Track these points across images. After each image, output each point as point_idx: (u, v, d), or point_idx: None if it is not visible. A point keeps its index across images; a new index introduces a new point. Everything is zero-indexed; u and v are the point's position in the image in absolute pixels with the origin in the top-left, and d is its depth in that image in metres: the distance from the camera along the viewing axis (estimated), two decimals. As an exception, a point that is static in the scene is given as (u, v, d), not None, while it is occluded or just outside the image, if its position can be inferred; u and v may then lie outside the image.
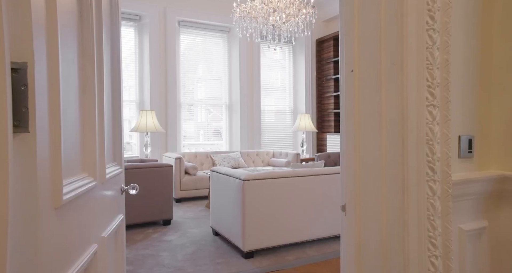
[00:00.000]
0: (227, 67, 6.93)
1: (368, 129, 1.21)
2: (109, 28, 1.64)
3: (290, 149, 7.46)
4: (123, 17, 5.99)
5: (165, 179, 3.75)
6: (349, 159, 1.26)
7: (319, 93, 7.51)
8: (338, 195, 3.23)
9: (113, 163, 1.68)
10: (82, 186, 1.10)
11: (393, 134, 1.13)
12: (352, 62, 1.27)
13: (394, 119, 1.13)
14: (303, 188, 3.06)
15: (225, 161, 5.78)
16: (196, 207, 4.75)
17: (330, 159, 5.63)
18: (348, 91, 1.28)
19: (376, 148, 1.18)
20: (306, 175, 3.07)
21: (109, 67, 1.64)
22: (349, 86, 1.28)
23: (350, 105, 1.27)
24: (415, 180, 1.08)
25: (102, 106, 1.38)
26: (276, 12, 4.37)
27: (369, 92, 1.20)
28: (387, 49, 1.15)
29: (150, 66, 6.05)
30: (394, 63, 1.13)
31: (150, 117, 5.15)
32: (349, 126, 1.27)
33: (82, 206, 1.14)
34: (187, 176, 5.12)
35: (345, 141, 1.28)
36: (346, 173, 1.28)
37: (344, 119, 1.32)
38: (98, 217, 1.37)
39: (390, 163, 1.13)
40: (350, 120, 1.26)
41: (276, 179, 2.94)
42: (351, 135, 1.26)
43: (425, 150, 1.09)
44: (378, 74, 1.17)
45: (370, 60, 1.20)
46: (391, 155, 1.13)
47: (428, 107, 1.09)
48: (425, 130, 1.09)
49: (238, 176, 2.90)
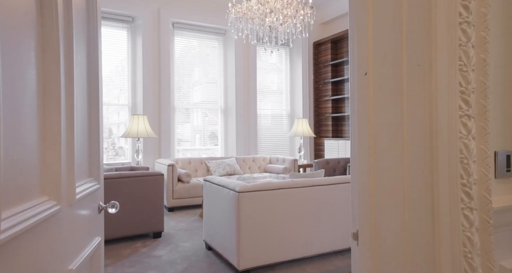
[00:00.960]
0: (223, 70, 6.74)
1: (386, 143, 1.01)
2: (84, 26, 1.43)
3: (287, 154, 7.26)
4: (115, 18, 5.78)
5: (155, 189, 3.53)
6: (362, 179, 1.06)
7: (317, 97, 7.33)
8: (340, 207, 3.02)
9: (88, 179, 1.47)
10: (36, 215, 0.89)
11: (418, 151, 0.93)
12: (365, 64, 1.07)
13: (420, 133, 0.93)
14: (302, 199, 2.85)
15: (220, 168, 5.57)
16: (189, 216, 4.53)
17: (328, 165, 5.44)
18: (361, 98, 1.08)
19: (396, 167, 0.98)
20: (306, 185, 2.87)
21: (85, 69, 1.43)
22: (362, 92, 1.08)
23: (363, 115, 1.07)
24: (447, 207, 0.88)
25: (71, 113, 1.17)
26: (273, 13, 4.18)
27: (388, 100, 1.00)
28: (411, 47, 0.95)
29: (143, 69, 5.84)
30: (419, 64, 0.93)
31: (142, 122, 4.94)
32: (363, 140, 1.07)
33: (36, 238, 0.93)
34: (180, 184, 4.90)
35: (358, 157, 1.08)
36: (359, 194, 1.07)
37: (355, 131, 1.12)
38: (64, 246, 1.15)
39: (415, 186, 0.93)
40: (364, 133, 1.06)
41: (273, 190, 2.73)
42: (364, 150, 1.06)
43: (458, 171, 0.89)
44: (398, 78, 0.98)
45: (389, 61, 1.00)
46: (415, 176, 0.93)
47: (461, 118, 0.90)
48: (458, 146, 0.89)
49: (233, 187, 2.69)
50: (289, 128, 7.27)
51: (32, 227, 0.87)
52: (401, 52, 0.97)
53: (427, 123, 0.92)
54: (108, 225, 3.26)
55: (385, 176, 1.00)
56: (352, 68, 1.15)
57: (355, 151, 1.10)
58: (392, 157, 0.99)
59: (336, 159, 5.54)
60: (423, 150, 0.92)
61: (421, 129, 0.93)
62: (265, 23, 4.30)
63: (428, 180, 0.91)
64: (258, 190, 2.66)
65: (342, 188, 3.02)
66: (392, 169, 0.99)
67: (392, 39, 1.00)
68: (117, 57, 5.90)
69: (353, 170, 1.10)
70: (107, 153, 6.25)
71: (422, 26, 0.92)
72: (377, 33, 1.04)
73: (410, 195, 0.94)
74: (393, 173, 0.98)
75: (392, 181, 0.98)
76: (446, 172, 0.89)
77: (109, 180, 3.25)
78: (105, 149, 6.22)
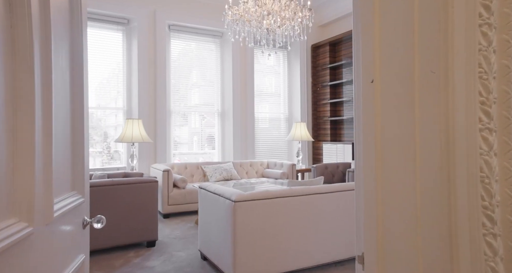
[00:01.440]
0: (220, 73, 6.64)
1: (396, 160, 0.90)
2: (67, 28, 1.33)
3: (285, 158, 7.15)
4: (110, 20, 5.68)
5: (149, 196, 3.42)
6: (368, 198, 0.95)
7: (315, 100, 7.25)
8: (340, 215, 2.92)
9: (71, 193, 1.36)
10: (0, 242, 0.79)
11: (432, 169, 0.83)
12: (372, 70, 0.97)
13: (434, 148, 0.83)
14: (301, 208, 2.75)
15: (217, 172, 5.46)
16: (184, 223, 4.41)
17: (327, 170, 5.34)
18: (366, 108, 0.98)
19: (407, 186, 0.87)
20: (304, 194, 2.76)
21: (68, 73, 1.32)
22: (368, 102, 0.98)
23: (369, 126, 0.97)
24: (467, 233, 0.78)
25: (49, 122, 1.06)
26: (270, 15, 4.09)
27: (397, 111, 0.90)
28: (423, 52, 0.85)
29: (138, 72, 5.74)
30: (434, 71, 0.83)
31: (137, 127, 4.83)
32: (368, 154, 0.97)
33: (3, 267, 0.82)
34: (175, 189, 4.79)
35: (363, 173, 0.98)
36: (365, 215, 0.97)
37: (360, 144, 1.01)
38: (41, 270, 1.04)
39: (429, 208, 0.83)
40: (370, 147, 0.96)
41: (271, 199, 2.62)
42: (370, 165, 0.96)
43: (479, 191, 0.78)
44: (410, 86, 0.88)
45: (399, 67, 0.90)
46: (429, 197, 0.83)
47: (482, 131, 0.80)
48: (478, 163, 0.79)
49: (229, 196, 2.58)
50: (287, 132, 7.17)
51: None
52: (412, 57, 0.87)
53: (443, 138, 0.82)
54: (100, 234, 3.14)
55: (394, 196, 0.90)
56: (356, 75, 1.05)
57: (360, 166, 1.00)
58: (402, 174, 0.89)
59: (335, 164, 5.45)
60: (438, 168, 0.82)
61: (435, 144, 0.83)
62: (263, 25, 4.21)
63: (444, 202, 0.81)
64: (255, 199, 2.56)
65: (342, 196, 2.92)
66: (403, 188, 0.88)
67: (402, 43, 0.90)
68: (112, 60, 5.79)
69: (358, 187, 1.00)
70: (102, 157, 6.14)
71: (436, 29, 0.82)
72: (385, 36, 0.94)
73: (424, 218, 0.84)
74: (403, 193, 0.88)
75: (402, 202, 0.88)
76: (464, 192, 0.79)
77: (101, 188, 3.14)
78: (100, 153, 6.10)
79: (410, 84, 0.88)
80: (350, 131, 6.66)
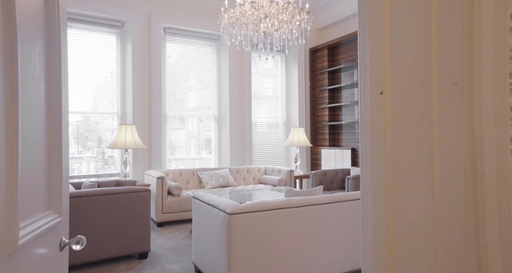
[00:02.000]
0: (216, 77, 6.52)
1: (409, 182, 0.78)
2: (41, 30, 1.21)
3: (283, 164, 7.03)
4: (104, 23, 5.56)
5: (141, 205, 3.28)
6: (378, 229, 0.83)
7: (313, 105, 7.13)
8: (341, 227, 2.79)
9: (45, 213, 1.23)
10: None
11: (455, 198, 0.70)
12: (381, 80, 0.84)
13: (457, 173, 0.71)
14: (299, 220, 2.62)
15: (213, 179, 5.32)
16: (179, 232, 4.27)
17: (326, 176, 5.21)
18: (374, 122, 0.86)
19: (424, 215, 0.75)
20: (303, 205, 2.63)
21: (43, 80, 1.20)
22: (377, 115, 0.85)
23: (378, 146, 0.84)
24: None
25: (15, 135, 0.93)
26: (268, 18, 3.98)
27: (412, 128, 0.78)
28: (443, 60, 0.73)
29: (133, 75, 5.61)
30: (456, 82, 0.71)
31: (130, 133, 4.69)
32: (376, 176, 0.84)
33: None
34: (170, 197, 4.65)
35: (370, 200, 0.85)
36: (373, 249, 0.84)
37: (367, 164, 0.89)
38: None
39: (452, 244, 0.71)
40: (378, 168, 0.84)
41: (267, 211, 2.49)
42: (379, 191, 0.83)
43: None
44: (426, 100, 0.75)
45: (413, 77, 0.78)
46: (452, 233, 0.70)
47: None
48: (511, 191, 0.67)
49: (223, 208, 2.45)
50: (285, 137, 7.05)
51: None
52: (430, 66, 0.75)
53: (468, 161, 0.69)
54: (89, 247, 3.00)
55: (408, 228, 0.78)
56: (363, 85, 0.92)
57: (366, 190, 0.87)
58: (419, 200, 0.76)
59: (333, 170, 5.32)
60: (462, 197, 0.70)
61: (459, 168, 0.70)
62: (260, 29, 4.10)
63: (471, 240, 0.68)
64: (251, 211, 2.43)
65: (342, 207, 2.80)
66: (418, 217, 0.76)
67: (417, 49, 0.78)
68: (105, 63, 5.66)
69: (364, 216, 0.87)
70: (96, 163, 6.00)
71: (459, 32, 0.70)
72: (397, 40, 0.82)
73: (446, 258, 0.71)
74: (420, 227, 0.75)
75: (419, 239, 0.76)
76: (495, 228, 0.66)
77: (91, 198, 3.00)
78: (94, 158, 5.97)
79: (427, 98, 0.75)
80: (349, 136, 6.55)
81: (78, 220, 2.94)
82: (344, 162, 6.24)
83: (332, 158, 6.56)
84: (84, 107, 5.55)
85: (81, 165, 5.80)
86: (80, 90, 5.45)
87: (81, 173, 5.70)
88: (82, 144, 5.82)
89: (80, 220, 2.96)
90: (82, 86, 5.46)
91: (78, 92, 5.44)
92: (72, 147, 5.69)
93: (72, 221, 2.91)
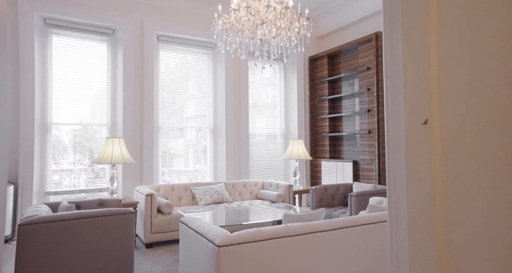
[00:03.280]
0: (212, 86, 6.25)
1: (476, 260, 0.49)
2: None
3: (281, 177, 6.72)
4: (93, 30, 5.30)
5: (125, 229, 2.97)
6: None
7: (313, 115, 6.86)
8: (347, 257, 2.48)
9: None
10: None
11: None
12: (424, 105, 0.56)
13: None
14: (299, 250, 2.31)
15: (207, 195, 5.01)
16: (168, 255, 3.94)
17: (327, 192, 4.91)
18: (413, 161, 0.57)
19: None
20: (303, 233, 2.33)
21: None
22: (417, 153, 0.57)
23: (418, 195, 0.55)
24: None
25: None
26: (264, 24, 3.71)
27: (477, 173, 0.49)
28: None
29: (123, 85, 5.33)
30: None
31: (118, 146, 4.39)
32: (421, 245, 0.55)
33: None
34: (160, 216, 4.33)
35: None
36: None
37: (397, 215, 0.60)
38: None
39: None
40: (423, 222, 0.54)
41: (263, 241, 2.19)
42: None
43: None
44: (500, 135, 0.47)
45: (479, 101, 0.50)
46: None
47: None
48: None
49: (212, 239, 2.14)
50: (283, 148, 6.76)
51: None
52: (505, 85, 0.46)
53: None
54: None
55: None
56: (390, 109, 0.63)
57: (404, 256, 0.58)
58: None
59: (335, 186, 5.02)
60: None
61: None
62: (256, 36, 3.83)
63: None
64: (243, 242, 2.12)
65: (350, 233, 2.49)
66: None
67: (483, 62, 0.49)
68: (95, 72, 5.39)
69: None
70: (87, 176, 5.70)
71: None
72: (451, 48, 0.53)
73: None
74: None
75: None
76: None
77: (66, 223, 2.69)
78: (85, 170, 5.66)
79: (502, 132, 0.46)
80: (350, 148, 6.26)
81: (50, 247, 2.62)
82: (345, 175, 5.94)
83: (333, 171, 6.26)
84: (71, 118, 5.25)
85: (70, 178, 5.50)
86: (67, 100, 5.17)
87: (71, 187, 5.39)
88: (68, 156, 5.51)
89: (53, 247, 2.64)
90: (68, 96, 5.18)
91: (65, 102, 5.16)
92: (66, 158, 5.39)
93: (43, 248, 2.59)
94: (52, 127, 5.09)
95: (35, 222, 2.55)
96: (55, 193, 5.01)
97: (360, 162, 5.78)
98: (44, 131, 5.01)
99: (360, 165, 5.77)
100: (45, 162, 5.00)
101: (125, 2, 5.43)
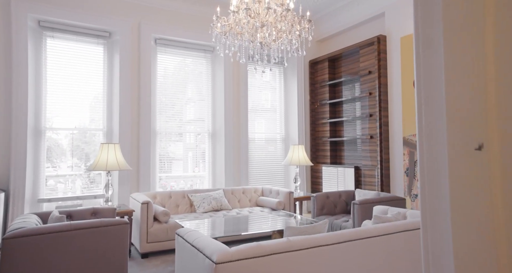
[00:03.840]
0: (211, 90, 6.13)
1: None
2: None
3: (281, 183, 6.59)
4: (89, 33, 5.18)
5: (118, 240, 2.83)
6: None
7: (313, 120, 6.74)
8: (355, 272, 2.34)
9: None
10: None
11: None
12: (479, 124, 0.43)
13: None
14: (303, 266, 2.17)
15: (205, 202, 4.87)
16: (164, 266, 3.80)
17: (329, 200, 4.77)
18: (461, 193, 0.44)
19: None
20: (306, 247, 2.19)
21: None
22: (471, 185, 0.44)
23: (476, 247, 0.42)
24: None
25: None
26: (264, 27, 3.60)
27: None
28: None
29: (120, 89, 5.20)
30: None
31: (113, 152, 4.26)
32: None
33: None
34: (156, 224, 4.19)
35: None
36: None
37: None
38: None
39: None
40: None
41: (263, 257, 2.05)
42: None
43: None
44: None
45: None
46: None
47: None
48: None
49: (209, 254, 2.00)
50: (283, 154, 6.63)
51: None
52: None
53: None
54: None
55: None
56: (425, 132, 0.51)
57: None
58: None
59: (336, 193, 4.89)
60: None
61: None
62: (256, 39, 3.71)
63: None
64: (242, 258, 1.98)
65: (355, 246, 2.36)
66: None
67: None
68: (91, 75, 5.26)
69: None
70: (82, 181, 5.56)
71: None
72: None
73: None
74: None
75: None
76: None
77: (55, 235, 2.55)
78: (80, 175, 5.52)
79: None
80: (351, 153, 6.13)
81: (38, 261, 2.48)
82: (346, 181, 5.81)
83: (334, 177, 6.13)
84: (66, 123, 5.12)
85: (67, 183, 5.37)
86: (62, 105, 5.03)
87: (67, 192, 5.25)
88: (66, 159, 5.37)
89: (41, 262, 2.50)
90: (63, 100, 5.04)
91: (59, 107, 5.02)
92: (64, 161, 5.26)
93: (31, 263, 2.45)
94: (46, 132, 4.96)
95: (22, 235, 2.41)
96: (49, 200, 4.86)
97: (362, 168, 5.65)
98: (38, 136, 4.87)
99: (362, 170, 5.64)
100: (39, 168, 4.86)
101: (122, 4, 5.31)
